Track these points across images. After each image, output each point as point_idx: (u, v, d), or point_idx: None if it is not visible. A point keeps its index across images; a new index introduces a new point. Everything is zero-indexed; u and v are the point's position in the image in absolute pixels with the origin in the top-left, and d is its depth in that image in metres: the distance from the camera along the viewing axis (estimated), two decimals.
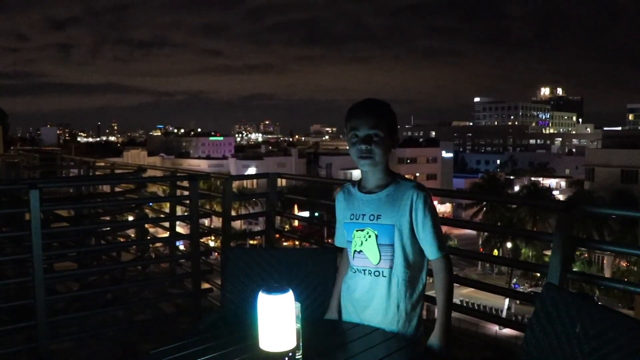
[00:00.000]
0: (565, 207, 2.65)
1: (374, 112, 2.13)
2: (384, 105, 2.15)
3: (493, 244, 40.43)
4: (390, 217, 2.10)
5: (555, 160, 72.09)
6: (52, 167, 12.65)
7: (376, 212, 2.12)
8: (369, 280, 2.16)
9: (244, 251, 2.93)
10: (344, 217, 2.23)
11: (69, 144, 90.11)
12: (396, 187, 2.14)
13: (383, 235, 2.11)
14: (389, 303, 2.13)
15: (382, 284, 2.13)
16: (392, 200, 2.11)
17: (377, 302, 2.15)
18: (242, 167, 59.97)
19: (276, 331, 1.73)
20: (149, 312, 4.93)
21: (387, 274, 2.12)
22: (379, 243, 2.11)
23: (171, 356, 1.91)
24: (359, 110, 2.14)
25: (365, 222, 2.14)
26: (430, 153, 70.66)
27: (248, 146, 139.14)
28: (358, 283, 2.20)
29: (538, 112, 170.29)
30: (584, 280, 2.94)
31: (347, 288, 2.28)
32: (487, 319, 5.85)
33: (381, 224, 2.11)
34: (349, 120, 2.15)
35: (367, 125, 2.09)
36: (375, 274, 2.13)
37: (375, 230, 2.11)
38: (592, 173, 47.23)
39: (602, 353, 1.76)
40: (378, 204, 2.13)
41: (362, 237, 2.14)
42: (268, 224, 5.14)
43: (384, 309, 2.14)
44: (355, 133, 2.11)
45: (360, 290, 2.19)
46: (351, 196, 2.23)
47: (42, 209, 3.82)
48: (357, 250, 2.17)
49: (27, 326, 3.94)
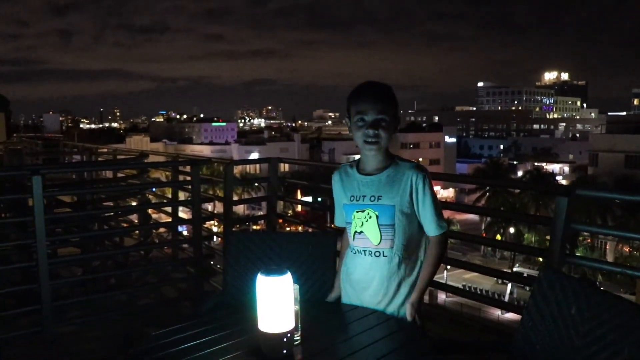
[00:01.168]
0: (563, 191, 2.66)
1: (381, 96, 2.13)
2: (389, 89, 2.16)
3: (496, 229, 40.47)
4: (391, 198, 2.12)
5: (558, 146, 71.76)
6: (55, 154, 12.69)
7: (377, 193, 2.14)
8: (369, 260, 2.18)
9: (245, 235, 2.95)
10: (343, 199, 2.25)
11: (71, 130, 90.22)
12: (396, 168, 2.16)
13: (384, 215, 2.13)
14: (389, 282, 2.16)
15: (383, 264, 2.16)
16: (392, 181, 2.14)
17: (377, 282, 2.17)
18: (244, 153, 59.96)
19: (275, 312, 1.75)
20: (152, 297, 4.97)
21: (387, 254, 2.14)
22: (379, 224, 2.13)
23: (172, 338, 1.94)
24: (366, 94, 2.14)
25: (366, 203, 2.15)
26: (433, 138, 70.47)
27: (251, 132, 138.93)
28: (358, 264, 2.22)
29: (542, 97, 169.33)
30: (582, 264, 2.96)
31: (346, 270, 2.31)
32: (489, 302, 5.87)
33: (382, 204, 2.13)
34: (354, 104, 2.14)
35: (375, 110, 2.10)
36: (375, 254, 2.16)
37: (375, 211, 2.13)
38: (595, 158, 47.11)
39: (597, 334, 1.78)
40: (378, 185, 2.15)
41: (362, 218, 2.16)
42: (270, 209, 5.17)
43: (384, 289, 2.17)
44: (362, 117, 2.11)
45: (360, 271, 2.22)
46: (349, 177, 2.24)
47: (44, 195, 3.85)
48: (358, 231, 2.19)
49: (32, 310, 3.99)
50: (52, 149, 13.47)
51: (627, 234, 5.10)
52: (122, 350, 1.90)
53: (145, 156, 6.57)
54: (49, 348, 3.88)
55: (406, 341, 1.99)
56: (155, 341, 1.94)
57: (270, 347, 1.77)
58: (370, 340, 1.98)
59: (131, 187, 6.10)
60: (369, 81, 2.19)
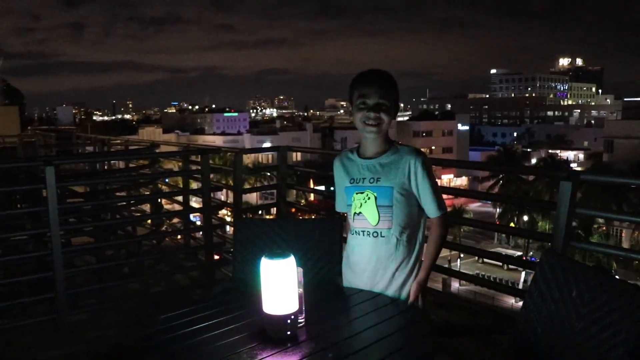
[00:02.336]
0: (566, 175, 2.67)
1: (383, 82, 2.22)
2: (390, 77, 2.25)
3: (509, 217, 40.29)
4: (390, 180, 2.20)
5: (573, 132, 70.98)
6: (68, 146, 12.82)
7: (376, 175, 2.22)
8: (368, 241, 2.24)
9: (253, 222, 3.00)
10: (344, 182, 2.33)
11: (84, 123, 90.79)
12: (395, 152, 2.24)
13: (382, 196, 2.20)
14: (387, 263, 2.23)
15: (381, 244, 2.22)
16: (391, 164, 2.22)
17: (374, 262, 2.24)
18: (256, 143, 60.05)
19: (279, 295, 1.80)
20: (164, 284, 5.04)
21: (385, 234, 2.21)
22: (378, 204, 2.20)
23: (180, 320, 1.99)
24: (368, 79, 2.23)
25: (365, 185, 2.24)
26: (446, 126, 70.08)
27: (263, 121, 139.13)
28: (357, 244, 2.29)
29: (556, 84, 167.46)
30: (586, 248, 2.97)
31: (346, 252, 2.39)
32: (499, 289, 5.90)
33: (380, 186, 2.21)
34: (357, 88, 2.23)
35: (377, 95, 2.19)
36: (374, 235, 2.23)
37: (374, 192, 2.21)
38: (611, 145, 46.57)
39: (597, 316, 1.80)
40: (378, 168, 2.23)
41: (361, 199, 2.24)
42: (279, 197, 5.22)
43: (382, 269, 2.23)
44: (364, 100, 2.20)
45: (359, 252, 2.29)
46: (351, 162, 2.33)
47: (57, 185, 3.92)
48: (357, 212, 2.26)
49: (47, 298, 4.08)
50: (65, 141, 13.61)
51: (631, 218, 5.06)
52: (133, 333, 1.95)
53: (156, 146, 6.64)
54: (64, 335, 3.96)
55: (408, 323, 2.03)
56: (164, 324, 1.99)
57: (274, 328, 1.82)
58: (373, 322, 2.03)
59: (142, 177, 6.17)
60: (372, 69, 2.28)
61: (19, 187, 4.90)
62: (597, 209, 15.53)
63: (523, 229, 31.21)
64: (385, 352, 1.81)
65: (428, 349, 1.80)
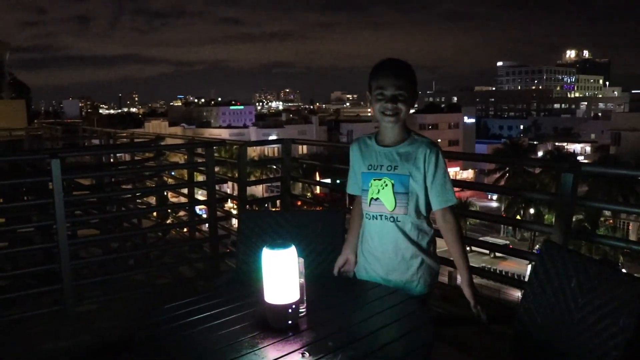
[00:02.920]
0: (568, 167, 2.67)
1: (401, 73, 2.27)
2: (408, 67, 2.30)
3: (515, 210, 40.18)
4: (406, 168, 2.26)
5: (580, 125, 70.65)
6: (74, 139, 12.88)
7: (393, 164, 2.28)
8: (385, 225, 2.30)
9: (257, 214, 3.03)
10: (361, 167, 2.38)
11: (91, 116, 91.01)
12: (411, 142, 2.30)
13: (399, 184, 2.26)
14: (404, 246, 2.28)
15: (398, 229, 2.28)
16: (407, 154, 2.28)
17: (393, 246, 2.30)
18: (262, 136, 60.04)
19: (280, 285, 1.82)
20: (170, 276, 5.07)
21: (401, 219, 2.28)
22: (395, 191, 2.27)
23: (183, 310, 2.02)
24: (387, 69, 2.27)
25: (383, 172, 2.29)
26: (452, 119, 69.88)
27: (269, 115, 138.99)
28: (374, 229, 2.34)
29: (563, 76, 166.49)
30: (586, 239, 2.97)
31: (362, 237, 2.43)
32: (504, 281, 5.90)
33: (398, 174, 2.27)
34: (375, 79, 2.28)
35: (395, 86, 2.24)
36: (390, 219, 2.29)
37: (392, 179, 2.27)
38: (618, 137, 46.33)
39: (595, 305, 1.82)
40: (395, 156, 2.29)
41: (379, 185, 2.30)
42: (283, 189, 5.24)
43: (400, 252, 2.29)
44: (382, 92, 2.25)
45: (375, 236, 2.34)
46: (368, 148, 2.38)
47: (63, 178, 3.95)
48: (374, 198, 2.32)
49: (53, 290, 4.11)
50: (71, 134, 13.67)
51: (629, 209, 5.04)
52: (137, 323, 1.98)
53: (161, 139, 6.66)
54: (70, 325, 4.00)
55: (408, 313, 2.05)
56: (167, 313, 2.02)
57: (275, 318, 1.84)
58: (373, 312, 2.05)
59: (147, 170, 6.20)
60: (390, 58, 2.33)
61: (25, 180, 4.93)
62: (599, 200, 15.46)
63: (523, 220, 30.99)
64: (385, 341, 1.83)
65: (428, 338, 1.82)
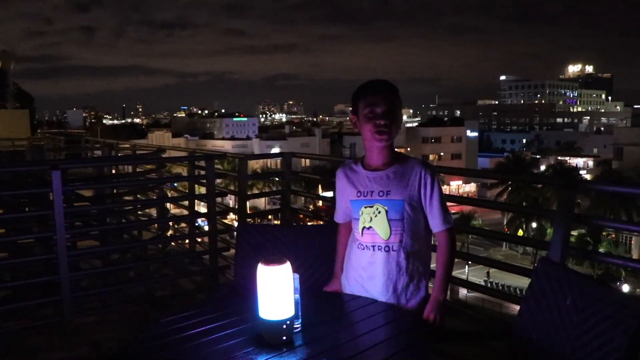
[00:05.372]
0: (565, 183, 2.68)
1: (390, 92, 2.19)
2: (394, 86, 2.22)
3: (517, 224, 40.12)
4: (400, 193, 2.16)
5: (582, 139, 70.61)
6: (77, 149, 12.90)
7: (385, 188, 2.17)
8: (378, 255, 2.19)
9: (255, 228, 3.04)
10: (349, 195, 2.27)
11: (94, 126, 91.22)
12: (402, 164, 2.21)
13: (393, 210, 2.16)
14: (399, 276, 2.18)
15: (392, 258, 2.18)
16: (400, 177, 2.18)
17: (386, 277, 2.19)
18: (265, 148, 60.10)
19: (275, 301, 1.82)
20: (169, 289, 5.07)
21: (396, 248, 2.17)
22: (389, 218, 2.16)
23: (179, 324, 2.02)
24: (376, 88, 2.19)
25: (375, 199, 2.18)
26: (454, 132, 69.93)
27: (272, 126, 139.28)
28: (364, 259, 2.24)
29: (566, 90, 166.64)
30: (585, 256, 2.98)
31: (352, 266, 2.31)
32: (501, 297, 5.87)
33: (391, 199, 2.16)
34: (363, 98, 2.18)
35: (386, 102, 2.15)
36: (385, 249, 2.18)
37: (385, 205, 2.16)
38: (620, 152, 46.38)
39: (590, 324, 1.82)
40: (386, 180, 2.18)
41: (371, 213, 2.19)
42: (283, 203, 5.24)
43: (393, 284, 2.19)
44: (373, 109, 2.15)
45: (369, 267, 2.23)
46: (355, 174, 2.27)
47: (64, 189, 3.96)
48: (367, 227, 2.21)
49: (52, 301, 4.11)
50: (74, 145, 13.70)
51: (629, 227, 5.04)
52: (132, 337, 1.98)
53: (162, 151, 6.67)
54: (69, 337, 3.99)
55: (403, 329, 2.04)
56: (162, 328, 2.02)
57: (270, 333, 1.84)
58: (369, 328, 2.05)
59: (148, 181, 6.21)
60: (375, 79, 2.24)
61: (26, 191, 4.95)
62: (598, 217, 15.46)
63: (520, 237, 31.18)
64: (381, 357, 1.83)
65: (424, 354, 1.82)
